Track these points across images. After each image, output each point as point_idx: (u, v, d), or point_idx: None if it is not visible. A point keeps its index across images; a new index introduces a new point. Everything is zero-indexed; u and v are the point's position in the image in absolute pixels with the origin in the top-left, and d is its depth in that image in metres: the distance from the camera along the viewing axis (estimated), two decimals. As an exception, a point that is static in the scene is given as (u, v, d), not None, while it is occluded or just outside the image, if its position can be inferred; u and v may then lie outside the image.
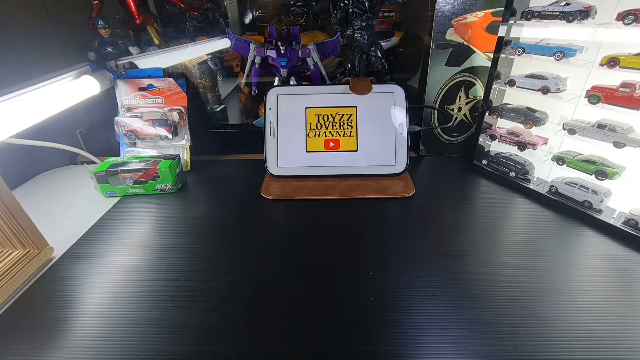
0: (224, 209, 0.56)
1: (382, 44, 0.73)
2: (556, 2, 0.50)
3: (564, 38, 0.51)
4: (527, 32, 0.54)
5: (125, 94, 0.67)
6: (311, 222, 0.52)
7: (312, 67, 0.67)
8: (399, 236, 0.48)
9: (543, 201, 0.54)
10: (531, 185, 0.56)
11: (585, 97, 0.49)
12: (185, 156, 0.68)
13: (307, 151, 0.62)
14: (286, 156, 0.62)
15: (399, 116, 0.62)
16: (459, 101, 0.69)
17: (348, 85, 0.62)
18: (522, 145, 0.58)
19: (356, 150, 0.62)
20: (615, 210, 0.49)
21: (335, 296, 0.39)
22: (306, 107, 0.63)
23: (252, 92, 0.71)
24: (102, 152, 0.68)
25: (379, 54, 0.68)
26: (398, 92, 0.62)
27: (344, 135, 0.62)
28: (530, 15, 0.52)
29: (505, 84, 0.58)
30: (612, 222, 0.47)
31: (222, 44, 0.87)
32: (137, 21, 0.81)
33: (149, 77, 0.67)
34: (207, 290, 0.40)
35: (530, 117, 0.56)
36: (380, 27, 0.82)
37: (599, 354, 0.32)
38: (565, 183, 0.52)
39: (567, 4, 0.48)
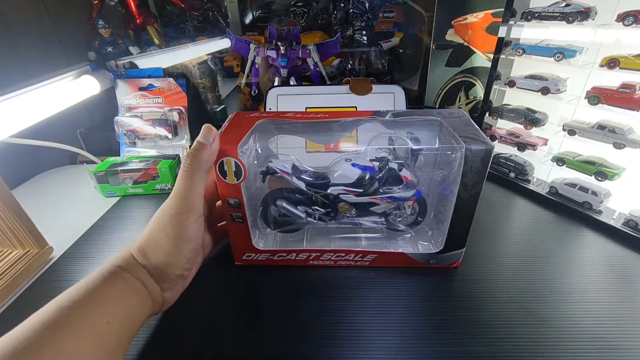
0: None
1: (382, 44, 0.73)
2: (556, 3, 0.50)
3: (564, 39, 0.51)
4: (527, 32, 0.55)
5: (125, 94, 0.67)
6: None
7: (312, 67, 0.67)
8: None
9: (543, 202, 0.54)
10: (531, 186, 0.56)
11: (585, 98, 0.49)
12: (185, 156, 0.68)
13: (307, 152, 0.62)
14: (287, 157, 0.62)
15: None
16: (459, 102, 0.69)
17: (348, 86, 0.62)
18: (522, 146, 0.58)
19: (356, 151, 0.62)
20: (615, 211, 0.49)
21: (341, 285, 0.39)
22: (306, 108, 0.63)
23: (252, 92, 0.71)
24: (102, 152, 0.68)
25: (379, 54, 0.68)
26: (398, 92, 0.62)
27: (344, 136, 0.62)
28: (530, 16, 0.52)
29: (505, 84, 0.58)
30: (612, 223, 0.47)
31: (222, 44, 0.88)
32: (138, 21, 0.81)
33: (149, 77, 0.67)
34: (207, 290, 0.40)
35: (530, 117, 0.56)
36: (380, 28, 0.82)
37: (600, 355, 0.32)
38: (565, 184, 0.52)
39: (567, 5, 0.48)
